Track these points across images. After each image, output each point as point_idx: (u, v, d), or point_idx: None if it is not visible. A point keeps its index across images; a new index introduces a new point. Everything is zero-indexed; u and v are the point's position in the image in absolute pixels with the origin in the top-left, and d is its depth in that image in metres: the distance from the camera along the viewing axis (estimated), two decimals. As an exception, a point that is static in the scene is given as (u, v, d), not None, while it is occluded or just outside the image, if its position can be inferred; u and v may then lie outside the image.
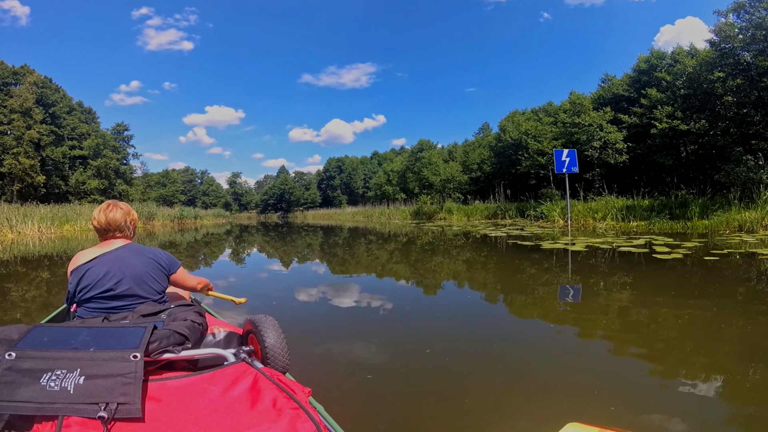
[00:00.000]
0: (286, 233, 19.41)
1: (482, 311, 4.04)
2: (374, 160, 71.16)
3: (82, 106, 38.50)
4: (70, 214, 22.44)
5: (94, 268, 1.76)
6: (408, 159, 38.68)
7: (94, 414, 1.05)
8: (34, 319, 3.61)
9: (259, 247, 12.66)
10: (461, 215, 24.27)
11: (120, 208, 1.99)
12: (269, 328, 1.68)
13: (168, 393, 1.19)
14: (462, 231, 14.68)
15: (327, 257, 9.22)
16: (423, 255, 8.87)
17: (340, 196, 70.77)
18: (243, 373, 1.30)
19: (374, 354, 2.74)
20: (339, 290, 5.02)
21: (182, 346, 1.47)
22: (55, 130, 33.34)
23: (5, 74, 31.81)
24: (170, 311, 1.74)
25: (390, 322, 3.65)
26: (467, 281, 5.76)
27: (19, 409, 1.07)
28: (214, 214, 53.96)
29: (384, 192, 42.79)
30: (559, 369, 2.41)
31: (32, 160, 30.22)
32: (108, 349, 1.22)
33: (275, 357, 1.62)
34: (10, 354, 1.16)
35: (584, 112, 20.44)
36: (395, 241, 12.72)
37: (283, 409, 1.12)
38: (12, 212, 18.49)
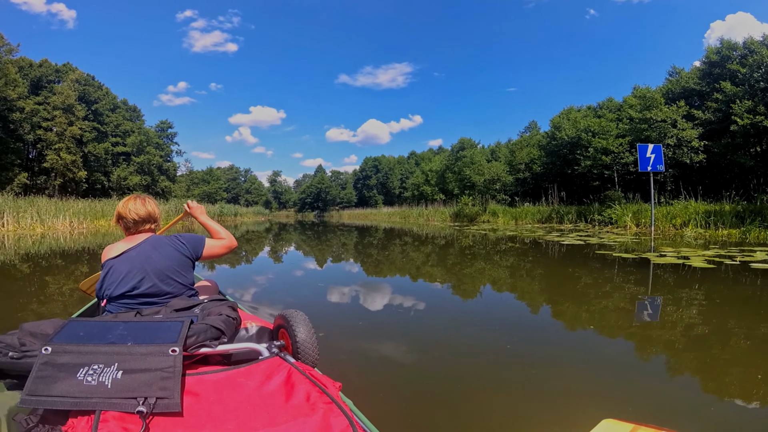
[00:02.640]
0: (322, 232, 19.06)
1: (533, 320, 3.67)
2: (411, 159, 69.47)
3: (126, 104, 39.48)
4: (107, 209, 22.36)
5: (116, 266, 1.75)
6: (447, 158, 37.36)
7: (132, 408, 1.02)
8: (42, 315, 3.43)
9: (296, 245, 12.65)
10: (508, 218, 22.24)
11: (148, 200, 1.96)
12: (300, 323, 1.67)
13: (205, 387, 1.17)
14: (519, 236, 13.33)
15: (361, 257, 8.95)
16: (490, 265, 7.66)
17: (376, 196, 69.57)
18: (277, 368, 1.28)
19: (404, 353, 2.71)
20: (371, 290, 4.95)
21: (218, 341, 1.43)
22: (97, 126, 34.09)
23: (48, 72, 32.91)
24: (203, 305, 1.69)
25: (422, 323, 3.58)
26: (545, 297, 4.87)
27: (56, 403, 1.04)
28: (254, 212, 54.25)
29: (422, 192, 41.43)
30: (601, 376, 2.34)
31: (74, 155, 30.78)
32: (146, 343, 1.20)
33: (306, 351, 1.61)
34: (46, 348, 1.15)
35: (655, 107, 17.89)
36: (435, 243, 11.88)
37: (317, 404, 1.10)
38: (45, 206, 18.44)
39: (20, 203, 17.83)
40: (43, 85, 32.03)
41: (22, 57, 31.14)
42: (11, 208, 16.30)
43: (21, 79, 28.52)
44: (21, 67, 30.59)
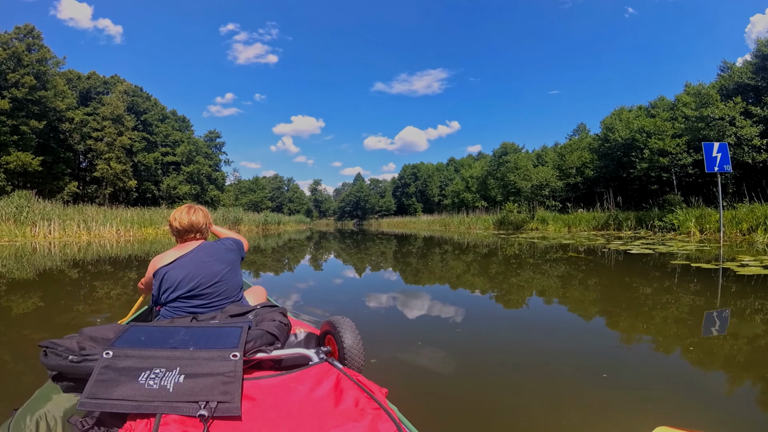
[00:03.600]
0: (361, 241, 18.90)
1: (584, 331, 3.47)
2: (450, 166, 68.46)
3: (176, 115, 41.10)
4: (155, 217, 22.98)
5: (171, 272, 1.80)
6: (489, 164, 36.25)
7: (193, 412, 1.03)
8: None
9: (336, 253, 12.65)
10: (559, 225, 20.93)
11: (200, 211, 2.03)
12: (347, 329, 1.70)
13: (261, 392, 1.18)
14: (577, 244, 12.16)
15: (401, 266, 8.78)
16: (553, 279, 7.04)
17: (415, 203, 68.99)
18: (326, 373, 1.29)
19: (447, 360, 2.66)
20: (412, 298, 4.94)
21: (272, 346, 1.48)
22: (147, 136, 35.59)
23: (97, 84, 34.77)
24: (256, 311, 1.73)
25: (468, 330, 3.47)
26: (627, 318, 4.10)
27: (116, 406, 1.05)
28: (296, 221, 55.33)
29: (462, 199, 40.43)
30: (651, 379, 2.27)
31: (124, 165, 32.06)
32: (207, 348, 1.22)
33: (352, 357, 1.63)
34: (108, 353, 1.17)
35: (712, 104, 16.64)
36: (485, 252, 11.20)
37: (365, 409, 1.11)
38: (92, 214, 18.92)
39: (68, 211, 18.39)
40: (92, 97, 33.80)
41: (70, 69, 33.13)
42: (58, 216, 16.77)
43: (69, 90, 30.14)
44: (69, 79, 32.39)
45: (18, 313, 4.14)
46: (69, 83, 31.64)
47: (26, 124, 24.89)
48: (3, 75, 24.51)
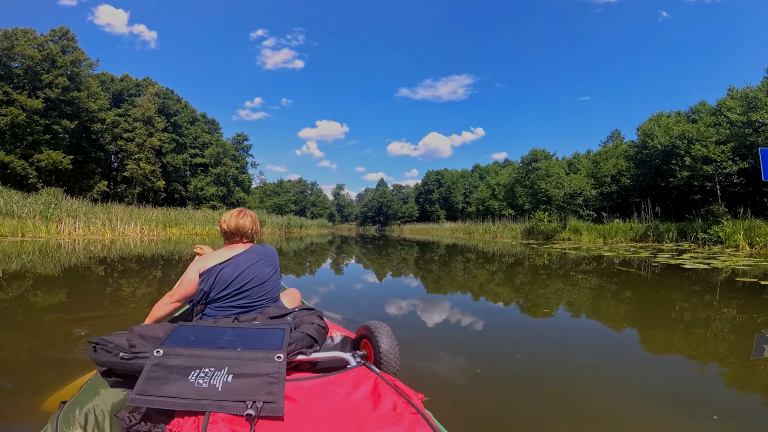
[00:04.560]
0: (382, 246, 18.59)
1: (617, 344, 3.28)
2: (475, 173, 67.47)
3: (205, 117, 41.93)
4: (181, 217, 23.20)
5: (226, 270, 1.87)
6: (517, 171, 35.36)
7: (241, 411, 1.05)
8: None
9: (356, 258, 12.46)
10: (594, 236, 19.87)
11: (249, 215, 2.11)
12: (384, 334, 1.70)
13: (301, 393, 1.20)
14: (620, 257, 11.61)
15: (422, 273, 8.54)
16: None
17: (438, 210, 68.25)
18: (364, 377, 1.31)
19: (474, 369, 2.61)
20: (436, 305, 4.83)
21: (312, 349, 1.52)
22: (176, 138, 36.34)
23: (129, 86, 35.80)
24: (295, 314, 1.78)
25: (505, 339, 3.45)
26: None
27: (166, 403, 1.07)
28: (318, 224, 55.62)
29: (488, 207, 39.58)
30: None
31: (153, 165, 32.81)
32: (254, 349, 1.26)
33: (388, 362, 1.64)
34: (158, 351, 1.21)
35: (761, 108, 15.48)
36: (506, 263, 10.63)
37: (403, 414, 1.12)
38: (119, 213, 19.12)
39: (95, 209, 18.72)
40: (124, 99, 34.74)
41: (103, 72, 34.22)
42: (85, 213, 17.06)
43: (102, 92, 31.00)
44: (102, 81, 33.43)
45: (45, 305, 4.12)
46: (102, 85, 32.69)
47: (59, 123, 25.75)
48: (37, 76, 25.43)
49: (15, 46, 24.54)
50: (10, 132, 24.37)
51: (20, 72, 25.33)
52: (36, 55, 25.00)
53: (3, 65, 24.81)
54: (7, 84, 24.57)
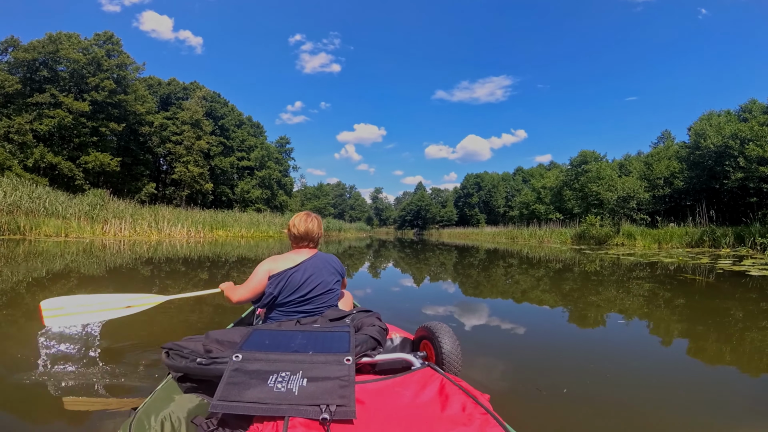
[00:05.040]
0: (420, 251, 18.21)
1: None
2: (518, 176, 65.42)
3: (251, 121, 42.74)
4: (228, 220, 23.50)
5: (295, 274, 1.91)
6: (565, 174, 34.09)
7: (316, 415, 1.06)
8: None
9: (395, 262, 12.31)
10: (648, 241, 18.55)
11: (315, 219, 2.12)
12: (446, 334, 1.70)
13: (368, 395, 1.20)
14: (684, 264, 10.48)
15: (461, 278, 8.26)
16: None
17: (478, 214, 66.66)
18: (429, 378, 1.30)
19: (537, 370, 2.64)
20: (471, 310, 4.70)
21: (375, 351, 1.53)
22: (224, 141, 37.15)
23: (177, 89, 36.79)
24: (353, 316, 1.78)
25: (560, 344, 3.35)
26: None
27: (247, 409, 1.07)
28: (357, 228, 55.86)
29: (533, 211, 38.18)
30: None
31: (201, 168, 33.41)
32: (324, 352, 1.26)
33: (451, 363, 1.63)
34: (237, 356, 1.21)
35: None
36: (566, 269, 9.93)
37: (473, 415, 1.11)
38: (166, 215, 19.28)
39: (142, 211, 19.00)
40: (171, 102, 35.68)
41: (150, 76, 35.35)
42: (131, 215, 17.30)
43: (150, 95, 32.10)
44: (150, 85, 34.53)
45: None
46: (149, 89, 33.83)
47: (106, 126, 26.76)
48: (83, 79, 26.41)
49: (59, 50, 25.53)
50: (57, 134, 25.46)
51: (66, 75, 26.38)
52: (81, 59, 25.97)
53: (49, 68, 25.88)
54: (53, 87, 25.62)
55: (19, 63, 25.08)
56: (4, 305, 3.97)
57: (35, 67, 25.59)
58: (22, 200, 13.67)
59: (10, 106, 24.69)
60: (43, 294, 4.42)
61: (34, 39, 25.57)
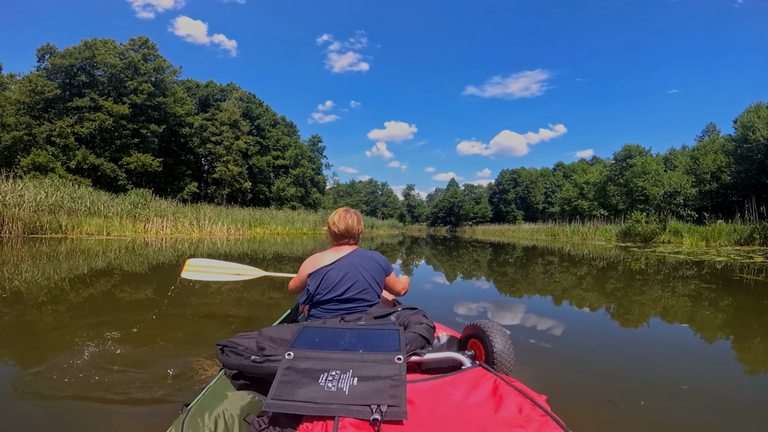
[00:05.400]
0: (453, 247, 18.04)
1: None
2: (558, 171, 63.44)
3: (285, 120, 43.93)
4: (264, 217, 24.15)
5: (331, 272, 1.91)
6: (609, 169, 33.01)
7: (366, 416, 1.05)
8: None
9: (426, 259, 12.20)
10: (696, 238, 17.69)
11: (355, 214, 2.10)
12: (497, 333, 1.66)
13: (418, 395, 1.18)
14: (729, 262, 9.87)
15: (495, 275, 8.17)
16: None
17: (514, 211, 65.14)
18: (482, 378, 1.27)
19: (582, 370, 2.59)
20: (509, 309, 4.62)
21: (424, 349, 1.51)
22: (260, 140, 38.33)
23: (214, 91, 38.30)
24: (398, 313, 1.76)
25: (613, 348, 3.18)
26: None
27: (300, 408, 1.07)
28: (389, 225, 56.05)
29: (575, 207, 37.15)
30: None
31: (240, 167, 34.69)
32: (374, 351, 1.24)
33: (502, 362, 1.60)
34: (289, 354, 1.21)
35: None
36: (622, 269, 9.46)
37: (531, 416, 1.08)
38: (207, 213, 19.80)
39: (183, 209, 19.57)
40: (210, 104, 37.21)
41: (188, 79, 37.03)
42: (173, 213, 17.75)
43: (189, 98, 33.35)
44: (188, 87, 36.06)
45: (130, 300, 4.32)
46: (188, 91, 35.32)
47: (146, 127, 28.04)
48: (122, 83, 27.74)
49: (96, 55, 26.85)
50: (99, 136, 26.85)
51: (104, 80, 27.73)
52: (118, 64, 27.28)
53: (87, 73, 27.31)
54: (92, 91, 27.02)
55: (57, 69, 26.48)
56: (46, 303, 4.24)
57: (73, 72, 26.99)
58: (64, 200, 14.17)
59: (51, 110, 26.25)
60: (77, 287, 4.80)
61: (70, 46, 26.97)
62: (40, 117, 25.90)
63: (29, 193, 12.89)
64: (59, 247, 9.24)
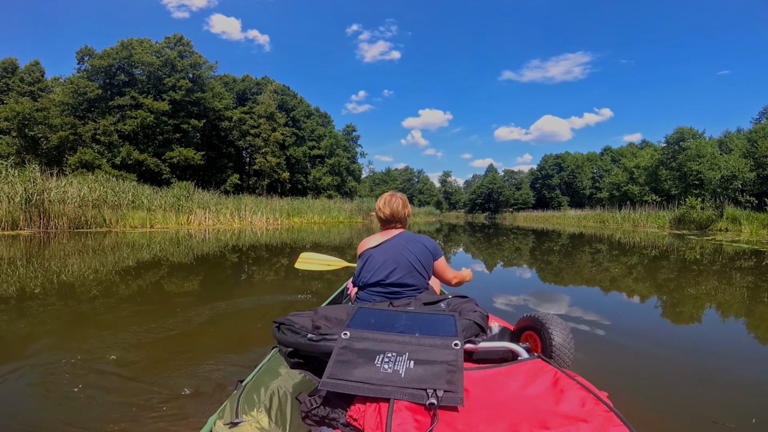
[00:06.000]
0: (492, 234, 17.86)
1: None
2: (606, 156, 60.70)
3: (319, 111, 44.60)
4: (302, 207, 24.76)
5: (374, 256, 1.95)
6: (661, 152, 31.35)
7: (422, 400, 1.04)
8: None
9: (465, 246, 12.12)
10: (756, 226, 16.51)
11: (399, 198, 2.12)
12: (557, 326, 1.63)
13: (473, 383, 1.17)
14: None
15: (538, 263, 7.96)
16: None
17: (559, 197, 62.89)
18: (541, 370, 1.25)
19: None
20: (549, 300, 4.54)
21: (478, 337, 1.49)
22: (296, 132, 39.19)
23: (250, 85, 39.29)
24: (448, 301, 1.73)
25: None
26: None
27: (355, 389, 1.07)
28: (426, 212, 55.79)
29: (625, 192, 35.58)
30: None
31: (278, 158, 35.65)
32: (431, 335, 1.23)
33: (561, 356, 1.57)
34: (346, 333, 1.22)
35: None
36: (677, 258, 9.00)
37: (594, 411, 1.05)
38: (248, 204, 20.45)
39: (225, 201, 20.27)
40: (247, 97, 38.25)
41: (225, 74, 38.13)
42: (215, 205, 18.42)
43: (227, 92, 34.41)
44: (226, 82, 37.16)
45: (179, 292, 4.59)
46: (225, 86, 36.44)
47: (187, 122, 29.10)
48: (160, 80, 28.75)
49: (133, 54, 27.93)
50: (141, 133, 28.03)
51: (143, 78, 28.87)
52: (155, 62, 28.29)
53: (126, 73, 28.50)
54: (132, 89, 28.17)
55: (97, 70, 27.73)
56: (97, 298, 4.53)
57: (112, 72, 28.18)
58: (107, 195, 14.71)
59: (94, 110, 27.68)
60: (117, 280, 5.17)
61: (107, 47, 28.15)
62: (84, 117, 27.40)
63: (73, 189, 13.31)
64: (104, 241, 9.64)
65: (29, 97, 27.55)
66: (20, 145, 25.75)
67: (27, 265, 5.78)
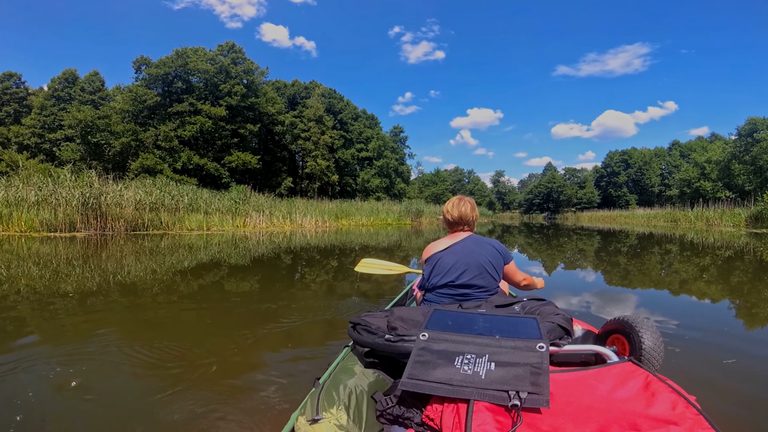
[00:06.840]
0: (552, 236, 17.18)
1: None
2: (674, 151, 56.99)
3: (366, 113, 45.20)
4: (350, 209, 25.17)
5: (444, 258, 1.98)
6: (733, 145, 29.67)
7: (503, 401, 1.04)
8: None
9: (520, 248, 11.83)
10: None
11: (468, 202, 2.17)
12: (648, 329, 1.59)
13: (557, 386, 1.16)
14: None
15: (604, 265, 7.73)
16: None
17: (626, 195, 59.48)
18: (632, 373, 1.24)
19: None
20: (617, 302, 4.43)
21: (563, 340, 1.48)
22: (344, 134, 40.07)
23: (299, 89, 40.61)
24: (524, 303, 1.73)
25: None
26: None
27: (434, 389, 1.09)
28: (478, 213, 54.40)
29: (696, 189, 32.89)
30: None
31: (327, 161, 36.64)
32: (512, 337, 1.22)
33: (651, 360, 1.54)
34: (424, 334, 1.23)
35: None
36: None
37: (684, 415, 1.05)
38: (298, 206, 21.03)
39: (279, 204, 20.89)
40: (297, 102, 39.52)
41: (276, 79, 39.66)
42: (269, 208, 19.05)
43: (279, 97, 35.77)
44: (277, 87, 38.66)
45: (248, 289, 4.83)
46: (277, 91, 37.92)
47: (243, 127, 30.47)
48: (216, 87, 30.22)
49: (188, 63, 29.50)
50: (201, 138, 29.57)
51: (200, 85, 30.42)
52: (210, 69, 29.80)
53: (183, 80, 30.13)
54: (190, 96, 29.73)
55: (154, 78, 29.57)
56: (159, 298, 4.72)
57: (169, 80, 29.92)
58: (164, 198, 15.26)
59: (154, 117, 29.56)
60: (185, 280, 5.50)
61: (163, 56, 29.95)
62: (145, 123, 29.39)
63: (129, 192, 13.98)
64: (160, 243, 9.99)
65: (91, 106, 29.91)
66: (84, 152, 27.97)
67: (83, 265, 6.09)
